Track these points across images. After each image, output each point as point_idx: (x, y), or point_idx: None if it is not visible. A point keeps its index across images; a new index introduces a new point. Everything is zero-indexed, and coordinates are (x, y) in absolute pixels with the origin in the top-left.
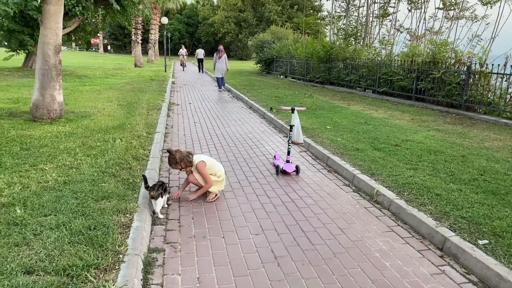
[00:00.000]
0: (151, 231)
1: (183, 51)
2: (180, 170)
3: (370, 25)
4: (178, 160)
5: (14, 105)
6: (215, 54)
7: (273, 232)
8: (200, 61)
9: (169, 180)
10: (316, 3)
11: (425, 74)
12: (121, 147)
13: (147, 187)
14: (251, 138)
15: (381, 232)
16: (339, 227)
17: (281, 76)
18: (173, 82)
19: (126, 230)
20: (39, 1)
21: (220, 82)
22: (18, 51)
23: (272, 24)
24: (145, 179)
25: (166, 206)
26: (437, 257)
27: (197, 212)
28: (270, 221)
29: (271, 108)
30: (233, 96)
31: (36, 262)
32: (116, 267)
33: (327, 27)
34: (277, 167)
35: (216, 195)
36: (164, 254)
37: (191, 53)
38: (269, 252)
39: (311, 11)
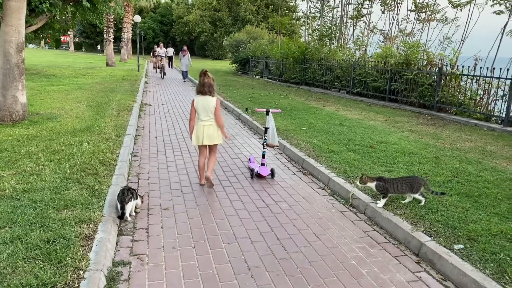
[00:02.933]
0: (117, 242)
1: (161, 50)
2: (200, 85)
3: (344, 26)
4: (207, 80)
5: None
6: (180, 53)
7: (247, 240)
8: (170, 58)
9: (138, 186)
10: (291, 4)
11: (398, 75)
12: (87, 151)
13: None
14: (225, 140)
15: (357, 237)
16: (314, 233)
17: (257, 76)
18: (146, 82)
19: (89, 242)
20: None
21: (184, 74)
22: None
23: (248, 23)
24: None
25: (133, 214)
26: (414, 263)
27: (167, 220)
28: (244, 228)
29: (246, 109)
30: None
31: None
32: (75, 285)
33: (302, 28)
34: (252, 170)
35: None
36: (130, 268)
37: None
38: (242, 262)
39: (286, 11)
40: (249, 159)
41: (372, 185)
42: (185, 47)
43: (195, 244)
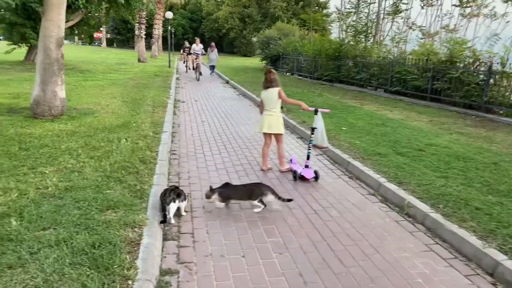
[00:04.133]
0: (162, 248)
1: (197, 47)
2: (265, 81)
3: (381, 22)
4: (272, 76)
5: (14, 101)
6: (208, 49)
7: (298, 250)
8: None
9: (179, 186)
10: (322, 0)
11: (441, 74)
12: (126, 148)
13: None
14: (263, 139)
15: (418, 251)
16: (371, 245)
17: (288, 74)
18: (177, 78)
19: (135, 248)
20: None
21: (212, 68)
22: (19, 44)
23: (277, 20)
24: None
25: (184, 214)
26: (489, 284)
27: (212, 224)
28: (294, 237)
29: (281, 107)
30: (240, 94)
31: None
32: None
33: (332, 24)
34: (294, 172)
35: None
36: (178, 277)
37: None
38: (297, 276)
39: (317, 7)
40: (290, 160)
41: (215, 196)
42: (212, 43)
43: (244, 252)
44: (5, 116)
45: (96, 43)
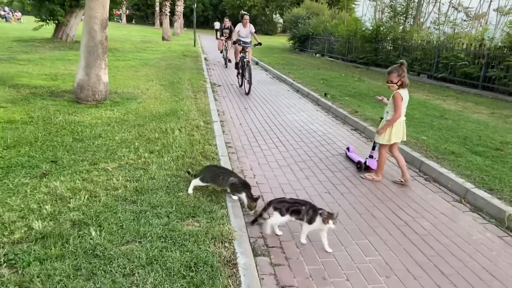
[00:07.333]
0: (256, 266)
1: (245, 30)
2: (390, 83)
3: (422, 3)
4: (400, 72)
5: (54, 83)
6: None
7: (406, 274)
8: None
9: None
10: None
11: (497, 61)
12: (184, 140)
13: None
14: (315, 131)
15: None
16: (484, 267)
17: (317, 55)
18: (205, 59)
19: (233, 269)
20: None
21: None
22: (48, 21)
23: None
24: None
25: (280, 233)
26: None
27: (299, 236)
28: (395, 256)
29: (325, 94)
30: (274, 77)
31: None
32: None
33: (355, 3)
34: (358, 163)
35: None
36: None
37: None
38: None
39: None
40: (348, 149)
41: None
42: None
43: (347, 275)
44: (48, 100)
45: (116, 19)
